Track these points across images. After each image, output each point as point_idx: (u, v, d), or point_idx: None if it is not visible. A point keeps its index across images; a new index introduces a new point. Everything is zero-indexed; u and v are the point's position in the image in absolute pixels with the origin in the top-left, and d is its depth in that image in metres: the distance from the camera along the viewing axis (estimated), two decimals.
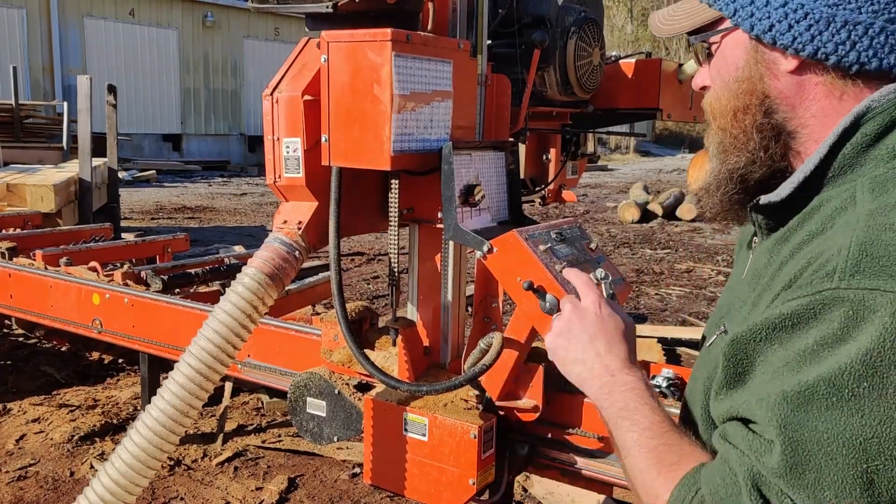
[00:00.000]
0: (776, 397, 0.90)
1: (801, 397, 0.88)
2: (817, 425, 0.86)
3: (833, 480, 0.85)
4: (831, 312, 0.88)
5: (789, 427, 0.88)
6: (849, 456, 0.84)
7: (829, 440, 0.85)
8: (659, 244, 9.77)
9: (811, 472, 0.86)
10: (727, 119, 1.17)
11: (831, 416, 0.85)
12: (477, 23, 1.99)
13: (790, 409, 0.88)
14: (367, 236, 8.72)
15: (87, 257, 3.85)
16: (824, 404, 0.86)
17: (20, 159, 8.71)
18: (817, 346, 0.89)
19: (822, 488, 0.86)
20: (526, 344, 1.82)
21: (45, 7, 18.28)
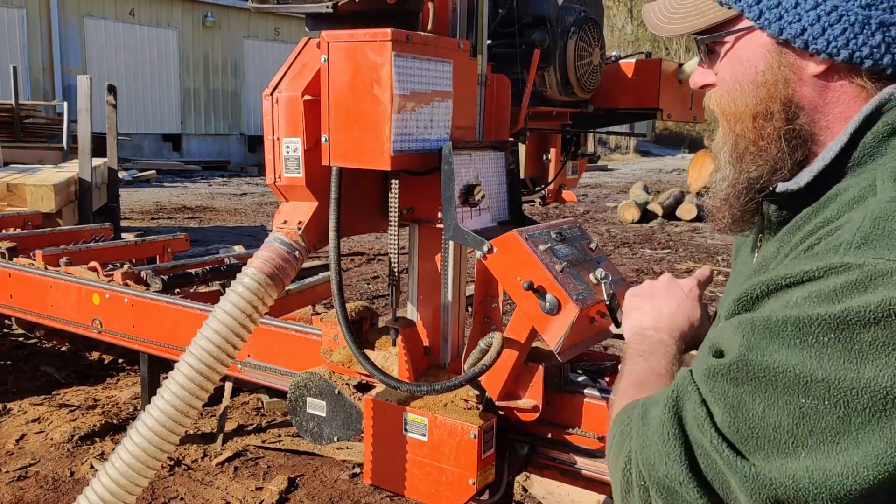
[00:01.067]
0: (745, 321, 0.91)
1: (768, 327, 0.87)
2: (772, 354, 0.86)
3: (765, 403, 0.85)
4: (831, 277, 0.87)
5: (747, 347, 0.88)
6: (791, 392, 0.84)
7: (778, 370, 0.85)
8: (659, 244, 9.77)
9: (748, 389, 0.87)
10: (745, 124, 1.11)
11: (789, 352, 0.85)
12: (477, 23, 1.99)
13: (754, 333, 0.88)
14: (367, 236, 8.72)
15: (87, 257, 3.85)
16: (787, 341, 0.85)
17: (20, 159, 8.71)
18: (802, 300, 0.88)
19: (749, 406, 0.87)
20: (526, 344, 1.82)
21: (45, 7, 18.28)
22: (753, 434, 0.86)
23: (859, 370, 0.81)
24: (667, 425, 0.94)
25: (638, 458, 0.97)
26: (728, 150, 1.15)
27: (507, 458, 1.98)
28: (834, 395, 0.82)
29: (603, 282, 1.69)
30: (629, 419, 1.05)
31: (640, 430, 0.99)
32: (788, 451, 0.84)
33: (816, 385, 0.82)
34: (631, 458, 0.99)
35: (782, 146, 1.09)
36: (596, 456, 1.93)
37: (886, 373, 0.80)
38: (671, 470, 0.92)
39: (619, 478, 1.02)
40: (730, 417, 0.88)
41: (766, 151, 1.10)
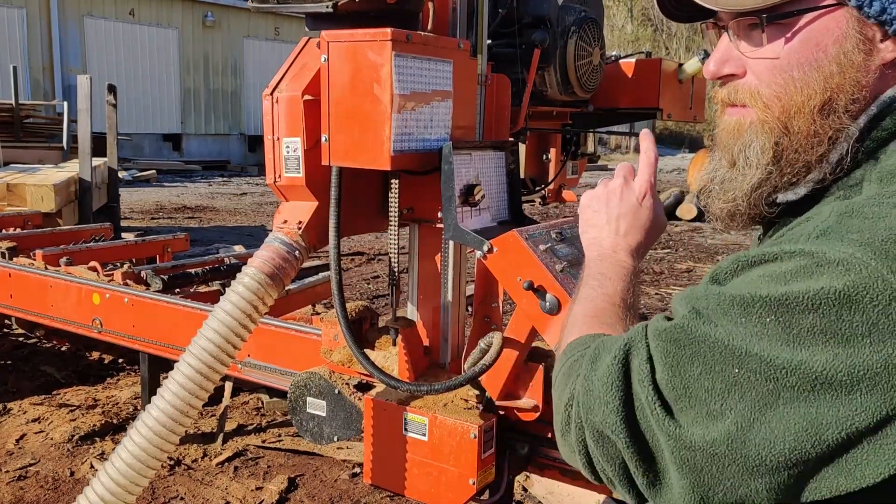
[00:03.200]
0: (701, 292, 0.93)
1: (719, 302, 0.89)
2: (717, 327, 0.88)
3: (702, 368, 0.88)
4: (784, 261, 0.88)
5: (696, 314, 0.91)
6: (727, 361, 0.86)
7: (717, 341, 0.87)
8: (659, 244, 9.77)
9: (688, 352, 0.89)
10: (803, 119, 1.00)
11: (732, 326, 0.87)
12: (477, 22, 1.99)
13: (707, 304, 0.91)
14: (367, 236, 8.71)
15: (87, 257, 3.85)
16: (733, 317, 0.88)
17: (20, 159, 8.71)
18: (757, 278, 0.89)
19: (687, 368, 0.89)
20: (526, 344, 1.82)
21: (45, 7, 18.28)
22: (686, 394, 0.89)
23: (793, 352, 0.83)
24: (612, 375, 0.96)
25: (580, 399, 1.00)
26: (759, 149, 1.04)
27: (508, 457, 1.98)
28: (766, 370, 0.84)
29: None
30: (580, 357, 1.07)
31: (588, 374, 1.01)
32: (715, 415, 0.87)
33: (751, 358, 0.85)
34: (574, 397, 1.02)
35: (835, 149, 1.01)
36: None
37: (818, 358, 0.82)
38: (607, 417, 0.95)
39: (560, 411, 1.05)
40: (668, 375, 0.91)
41: (810, 152, 1.01)
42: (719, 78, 1.08)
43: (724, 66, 1.07)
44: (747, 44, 1.03)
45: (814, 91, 0.99)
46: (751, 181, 1.05)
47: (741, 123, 1.07)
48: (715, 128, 1.16)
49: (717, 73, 1.08)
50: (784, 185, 1.04)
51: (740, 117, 1.07)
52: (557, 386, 1.09)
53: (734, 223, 1.12)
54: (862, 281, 0.81)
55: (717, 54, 1.07)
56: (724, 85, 1.08)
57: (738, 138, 1.07)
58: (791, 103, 1.01)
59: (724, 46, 1.06)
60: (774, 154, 1.03)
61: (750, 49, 1.03)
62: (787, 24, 0.99)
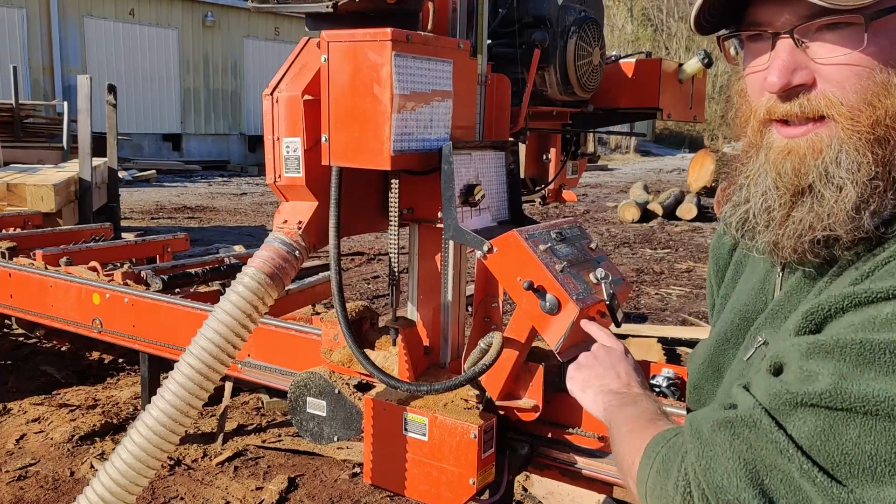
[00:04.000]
0: (832, 344, 0.84)
1: (862, 353, 0.81)
2: (870, 382, 0.80)
3: (860, 430, 0.81)
4: None
5: (840, 374, 0.82)
6: (889, 416, 0.79)
7: (878, 399, 0.79)
8: (659, 244, 9.77)
9: (841, 416, 0.82)
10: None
11: (888, 379, 0.80)
12: (477, 22, 1.99)
13: (847, 359, 0.82)
14: (367, 236, 8.71)
15: (87, 257, 3.85)
16: (885, 368, 0.80)
17: (20, 159, 8.71)
18: (892, 317, 0.81)
19: (843, 433, 0.82)
20: (526, 344, 1.82)
21: (45, 7, 18.27)
22: (847, 461, 0.81)
23: None
24: (731, 446, 0.88)
25: (700, 479, 0.91)
26: (853, 163, 0.92)
27: (507, 457, 1.98)
28: None
29: (603, 281, 1.69)
30: (674, 443, 0.99)
31: (701, 451, 0.92)
32: (884, 479, 0.79)
33: None
34: (690, 480, 0.93)
35: None
36: (596, 455, 1.93)
37: None
38: (741, 494, 0.87)
39: (677, 500, 0.95)
40: (820, 443, 0.83)
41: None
42: (788, 90, 0.96)
43: (795, 75, 0.95)
44: (824, 49, 0.94)
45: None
46: (851, 201, 0.93)
47: (816, 143, 0.95)
48: (748, 150, 1.05)
49: (789, 84, 0.95)
50: (892, 202, 0.93)
51: (813, 135, 0.96)
52: (655, 484, 0.99)
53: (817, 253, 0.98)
54: None
55: (781, 62, 0.95)
56: (787, 99, 0.97)
57: (817, 157, 0.95)
58: (884, 110, 0.91)
59: (787, 54, 0.95)
60: (874, 168, 0.92)
61: (830, 54, 0.93)
62: (878, 23, 0.91)
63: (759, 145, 1.02)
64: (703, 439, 0.92)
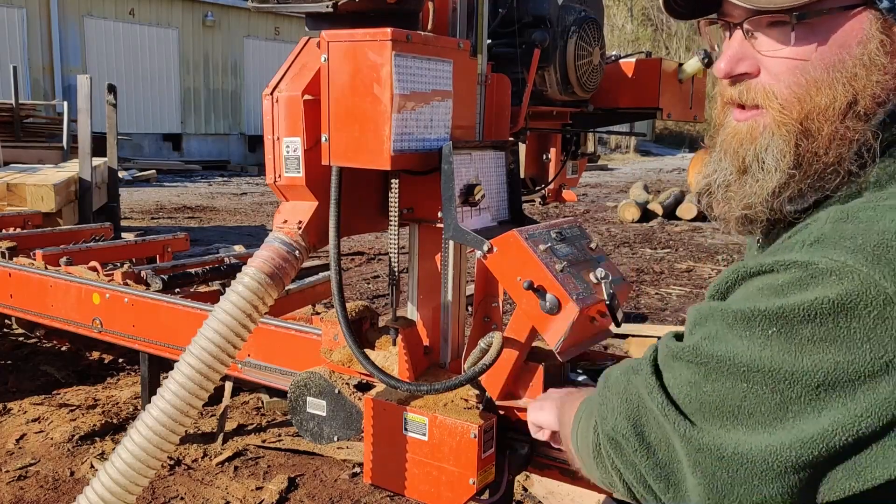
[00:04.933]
0: (707, 310, 0.97)
1: (724, 318, 0.93)
2: (724, 344, 0.92)
3: (713, 384, 0.92)
4: (780, 272, 0.90)
5: (704, 334, 0.95)
6: (735, 377, 0.90)
7: (724, 358, 0.91)
8: (659, 244, 9.76)
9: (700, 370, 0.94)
10: (826, 121, 0.97)
11: (738, 342, 0.90)
12: (477, 22, 1.99)
13: (713, 322, 0.94)
14: (367, 236, 8.71)
15: (87, 257, 3.85)
16: (737, 332, 0.91)
17: (20, 159, 8.71)
18: (756, 290, 0.92)
19: (700, 383, 0.94)
20: (526, 343, 1.82)
21: (45, 7, 18.27)
22: (700, 408, 0.94)
23: (796, 362, 0.86)
24: (621, 386, 1.05)
25: (597, 415, 1.09)
26: (778, 153, 1.01)
27: (508, 457, 1.98)
28: (772, 383, 0.88)
29: (603, 281, 1.69)
30: (591, 397, 1.17)
31: (602, 392, 1.11)
32: (727, 426, 0.91)
33: (757, 373, 0.88)
34: (596, 422, 1.10)
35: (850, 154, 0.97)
36: None
37: (821, 366, 0.85)
38: (618, 424, 1.03)
39: (589, 442, 1.12)
40: (684, 391, 0.96)
41: (831, 156, 0.98)
42: (732, 77, 1.04)
43: (739, 64, 1.03)
44: (766, 42, 1.00)
45: (837, 93, 0.96)
46: (770, 186, 1.02)
47: (754, 128, 1.03)
48: (715, 127, 1.14)
49: (732, 72, 1.04)
50: (807, 190, 1.01)
51: (752, 121, 1.03)
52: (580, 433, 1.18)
53: (746, 229, 1.11)
54: (855, 288, 0.83)
55: (730, 52, 1.03)
56: (734, 84, 1.05)
57: (752, 143, 1.03)
58: (812, 105, 0.97)
59: (737, 44, 1.03)
60: (796, 158, 1.00)
61: (770, 48, 1.00)
62: (813, 23, 0.96)
63: (722, 124, 1.12)
64: (608, 384, 1.11)
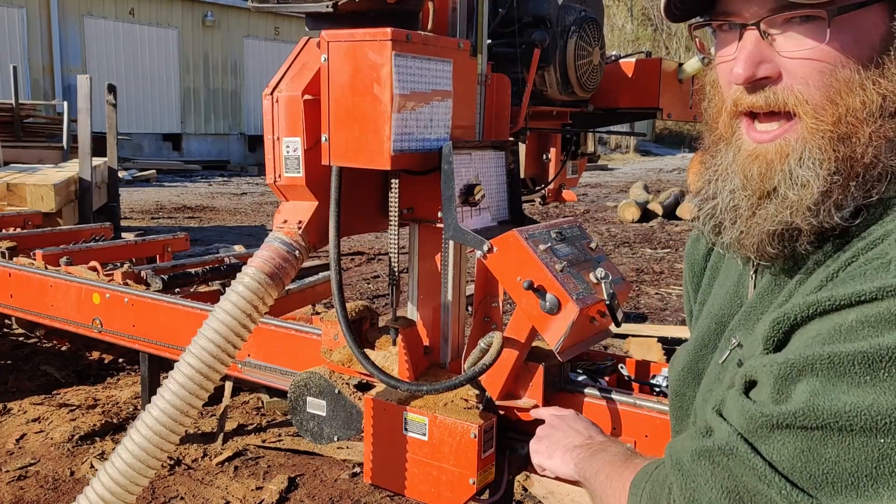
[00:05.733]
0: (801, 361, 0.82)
1: (832, 366, 0.79)
2: (841, 397, 0.78)
3: (838, 448, 0.79)
4: (888, 299, 0.78)
5: (811, 391, 0.80)
6: (867, 432, 0.77)
7: (851, 413, 0.77)
8: (659, 243, 9.76)
9: (818, 435, 0.80)
10: (863, 124, 0.90)
11: (860, 391, 0.77)
12: (477, 22, 1.99)
13: (818, 374, 0.80)
14: (367, 236, 8.71)
15: (87, 257, 3.85)
16: (856, 379, 0.78)
17: (20, 159, 8.71)
18: (859, 324, 0.79)
19: (821, 451, 0.80)
20: (526, 343, 1.82)
21: (44, 7, 18.27)
22: (827, 479, 0.79)
23: None
24: (712, 476, 0.87)
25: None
26: (815, 161, 0.91)
27: (508, 457, 1.98)
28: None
29: (603, 281, 1.69)
30: (657, 476, 0.98)
31: (684, 483, 0.91)
32: (868, 494, 0.78)
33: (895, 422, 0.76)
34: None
35: (890, 153, 0.90)
36: None
37: None
38: None
39: None
40: (799, 464, 0.81)
41: (871, 161, 0.90)
42: (754, 82, 0.95)
43: (760, 67, 0.94)
44: (788, 42, 0.92)
45: (869, 92, 0.90)
46: (810, 196, 0.92)
47: (783, 147, 0.94)
48: (715, 140, 1.04)
49: (754, 76, 0.94)
50: (854, 194, 0.91)
51: (781, 140, 0.95)
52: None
53: (777, 248, 0.97)
54: None
55: (747, 54, 0.94)
56: (753, 91, 0.96)
57: (783, 163, 0.94)
58: (846, 107, 0.91)
59: (752, 46, 0.94)
60: (835, 164, 0.91)
61: (794, 48, 0.92)
62: (844, 19, 0.90)
63: (728, 140, 1.01)
64: (684, 471, 0.92)
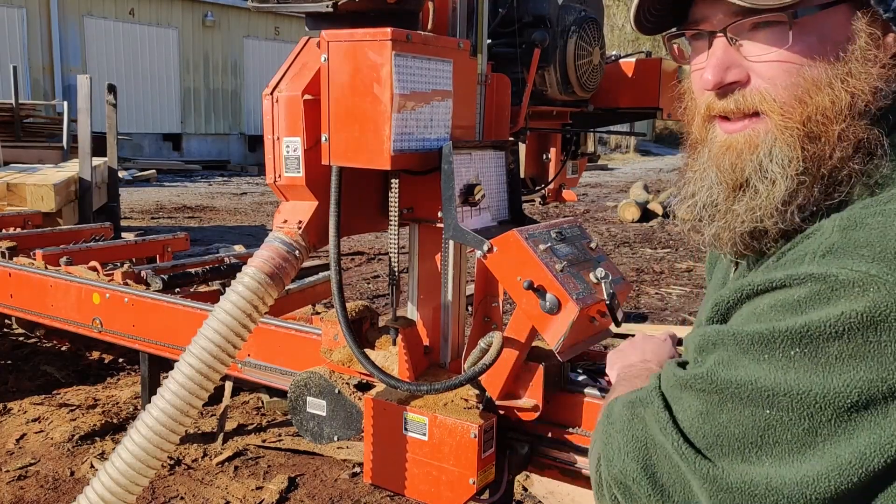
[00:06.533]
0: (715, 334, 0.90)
1: (737, 341, 0.86)
2: (740, 370, 0.85)
3: (730, 414, 0.86)
4: (795, 287, 0.84)
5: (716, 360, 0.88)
6: (757, 403, 0.83)
7: (744, 384, 0.85)
8: (659, 243, 9.76)
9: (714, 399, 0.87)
10: (831, 122, 0.92)
11: (756, 366, 0.84)
12: (477, 22, 1.99)
13: (725, 347, 0.88)
14: (367, 236, 8.71)
15: (88, 257, 3.85)
16: (755, 356, 0.85)
17: (20, 159, 8.71)
18: (768, 308, 0.86)
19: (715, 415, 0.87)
20: (526, 343, 1.82)
21: (44, 6, 18.27)
22: (718, 441, 0.87)
23: (825, 383, 0.80)
24: (627, 423, 0.96)
25: (601, 454, 1.01)
26: (784, 160, 0.94)
27: (508, 457, 1.98)
28: (799, 407, 0.81)
29: (603, 281, 1.69)
30: (598, 420, 1.08)
31: (605, 428, 1.02)
32: (752, 459, 0.84)
33: (782, 397, 0.82)
34: (599, 456, 1.02)
35: (858, 154, 0.93)
36: None
37: (852, 384, 0.79)
38: (626, 466, 0.95)
39: (593, 474, 1.05)
40: (697, 423, 0.89)
41: (839, 159, 0.93)
42: (723, 87, 0.98)
43: (728, 72, 0.97)
44: (755, 47, 0.95)
45: (838, 90, 0.92)
46: (778, 195, 0.95)
47: (752, 136, 0.97)
48: (693, 145, 1.07)
49: (723, 81, 0.97)
50: (818, 196, 0.95)
51: (750, 130, 0.97)
52: (590, 451, 1.09)
53: (750, 246, 1.01)
54: (882, 299, 0.78)
55: (716, 60, 0.97)
56: (723, 95, 0.99)
57: (753, 153, 0.97)
58: (814, 106, 0.93)
59: (720, 52, 0.97)
60: (803, 163, 0.94)
61: (761, 52, 0.95)
62: (806, 21, 0.92)
63: (704, 141, 1.04)
64: (610, 418, 1.02)
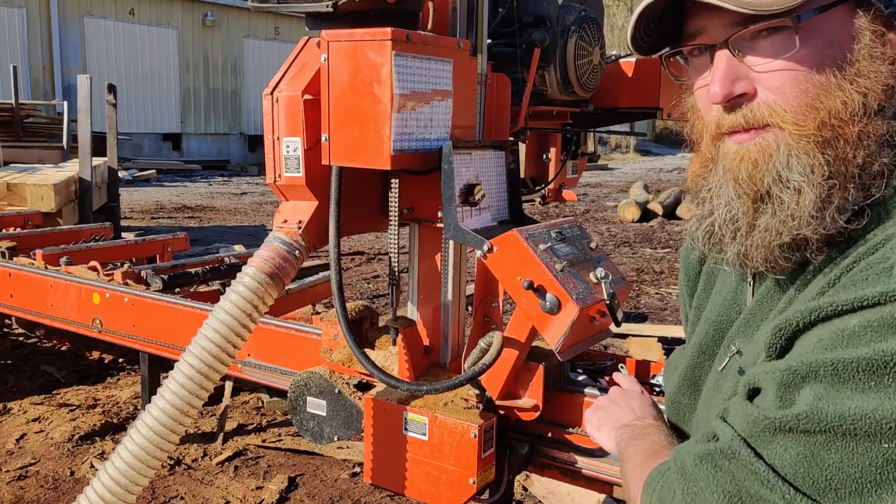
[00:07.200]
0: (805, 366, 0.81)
1: (836, 372, 0.79)
2: (845, 401, 0.78)
3: (842, 453, 0.78)
4: (891, 304, 0.77)
5: (816, 395, 0.80)
6: (871, 437, 0.76)
7: (855, 418, 0.77)
8: (659, 243, 9.76)
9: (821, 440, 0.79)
10: (847, 125, 0.89)
11: (864, 396, 0.77)
12: (477, 22, 1.99)
13: (822, 380, 0.80)
14: (367, 236, 8.71)
15: (88, 257, 3.85)
16: (860, 385, 0.77)
17: (20, 159, 8.71)
18: (861, 329, 0.79)
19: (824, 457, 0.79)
20: (526, 343, 1.82)
21: (44, 6, 18.27)
22: (831, 485, 0.79)
23: None
24: (713, 479, 0.87)
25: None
26: (805, 167, 0.90)
27: (508, 457, 1.98)
28: None
29: (603, 281, 1.69)
30: (667, 478, 0.98)
31: (686, 487, 0.91)
32: (873, 500, 0.77)
33: None
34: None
35: (882, 151, 0.89)
36: (596, 455, 1.93)
37: None
38: None
39: None
40: (802, 469, 0.81)
41: (862, 162, 0.90)
42: (731, 100, 0.95)
43: (736, 84, 0.94)
44: (759, 57, 0.93)
45: (849, 92, 0.89)
46: (809, 203, 0.91)
47: (765, 146, 0.93)
48: (705, 163, 1.03)
49: (732, 93, 0.94)
50: (854, 197, 0.90)
51: (760, 139, 0.94)
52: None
53: (789, 259, 0.96)
54: None
55: (722, 73, 0.94)
56: (732, 110, 0.96)
57: (769, 161, 0.93)
58: (827, 110, 0.90)
59: (725, 64, 0.94)
60: (828, 168, 0.90)
61: (764, 61, 0.92)
62: (810, 24, 0.89)
63: (715, 158, 1.01)
64: (686, 475, 0.92)
